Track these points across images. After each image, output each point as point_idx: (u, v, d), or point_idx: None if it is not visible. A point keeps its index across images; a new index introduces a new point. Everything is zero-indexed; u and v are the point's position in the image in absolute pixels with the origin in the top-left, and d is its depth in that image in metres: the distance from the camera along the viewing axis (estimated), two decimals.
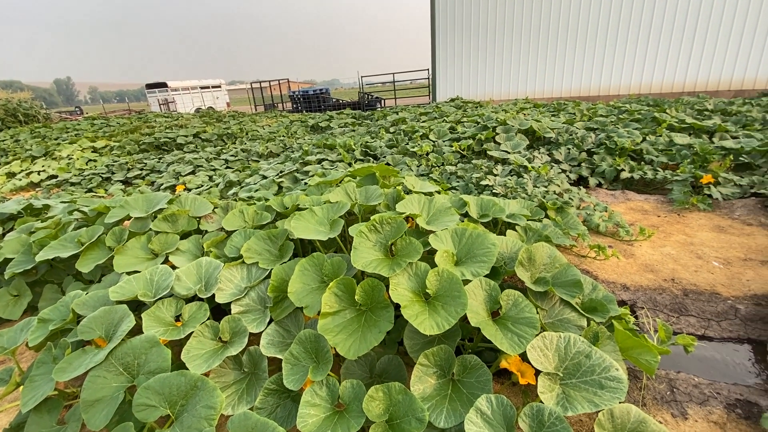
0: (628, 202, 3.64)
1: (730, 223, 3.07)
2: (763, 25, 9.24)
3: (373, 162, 4.82)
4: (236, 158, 6.83)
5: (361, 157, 4.88)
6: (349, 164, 4.72)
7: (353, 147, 5.19)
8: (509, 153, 4.51)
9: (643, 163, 4.21)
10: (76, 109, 34.64)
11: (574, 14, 10.65)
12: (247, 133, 9.64)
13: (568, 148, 4.53)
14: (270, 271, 1.85)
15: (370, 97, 18.36)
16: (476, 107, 8.99)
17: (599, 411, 1.15)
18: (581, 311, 1.56)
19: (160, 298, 1.80)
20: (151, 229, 2.44)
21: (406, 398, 1.27)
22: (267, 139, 8.64)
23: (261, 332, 1.67)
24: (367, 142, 5.63)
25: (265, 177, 4.87)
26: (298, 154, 5.68)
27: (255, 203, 3.10)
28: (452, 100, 11.11)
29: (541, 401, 1.20)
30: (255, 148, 7.24)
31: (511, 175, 3.84)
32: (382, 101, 18.53)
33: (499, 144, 4.81)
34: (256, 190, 4.22)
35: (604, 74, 10.88)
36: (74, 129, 12.14)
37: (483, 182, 3.60)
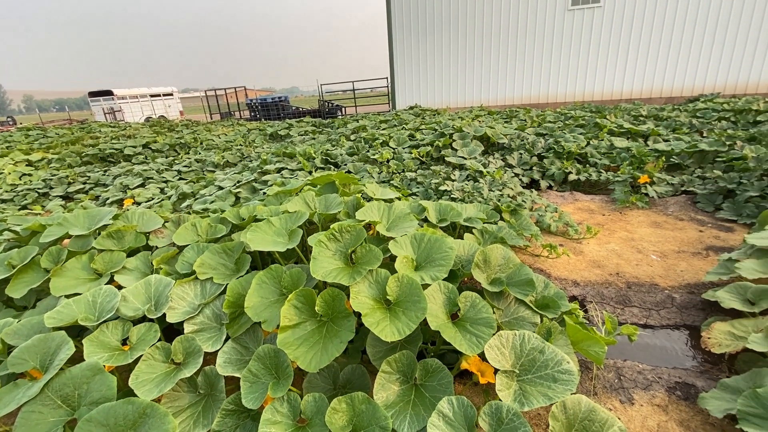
0: (576, 203, 3.87)
1: (665, 218, 3.35)
2: (686, 41, 10.27)
3: (334, 170, 4.79)
4: (190, 169, 6.54)
5: (322, 165, 4.84)
6: (310, 173, 4.66)
7: (313, 155, 5.13)
8: (466, 159, 4.66)
9: (588, 165, 4.50)
10: (8, 119, 31.71)
11: (522, 28, 11.27)
12: (201, 143, 9.27)
13: (521, 153, 4.75)
14: (225, 287, 1.78)
15: (330, 105, 18.30)
16: (434, 115, 9.22)
17: (554, 404, 1.20)
18: (535, 309, 1.63)
19: (105, 321, 1.68)
20: (93, 248, 2.27)
21: (370, 407, 1.26)
22: (223, 149, 8.35)
23: (217, 351, 1.60)
24: (328, 150, 5.60)
25: (221, 188, 4.70)
26: (257, 164, 5.54)
27: (210, 215, 2.98)
28: (411, 107, 11.32)
29: (500, 399, 1.23)
30: (210, 158, 6.98)
31: (468, 180, 3.96)
32: (343, 109, 18.54)
33: (456, 150, 4.96)
34: (212, 202, 4.06)
35: (551, 83, 11.57)
36: (5, 141, 11.11)
37: (441, 187, 3.68)
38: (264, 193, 4.06)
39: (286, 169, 4.86)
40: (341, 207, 2.08)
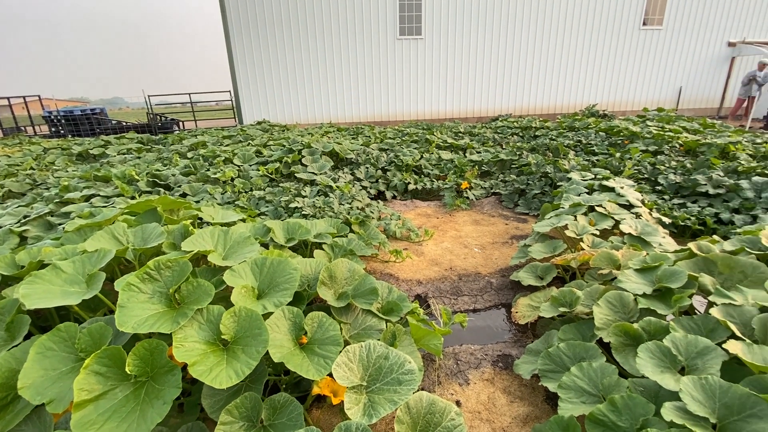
0: (416, 209, 4.31)
1: (482, 217, 4.02)
2: (486, 73, 12.83)
3: (165, 193, 4.15)
4: None
5: (149, 189, 4.13)
6: (133, 198, 3.92)
7: (137, 177, 4.35)
8: (316, 174, 4.68)
9: (423, 176, 5.08)
10: None
11: (360, 52, 12.18)
12: None
13: (367, 167, 5.05)
14: None
15: (163, 118, 16.01)
16: (283, 130, 9.05)
17: (399, 407, 1.25)
18: (380, 316, 1.70)
19: None
20: None
21: None
22: (4, 175, 6.35)
23: None
24: (157, 170, 4.83)
25: None
26: (55, 192, 4.37)
27: None
28: (259, 123, 10.86)
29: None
30: None
31: (319, 195, 3.98)
32: (180, 123, 16.46)
33: (306, 166, 4.94)
34: None
35: (390, 103, 12.82)
36: None
37: (292, 204, 3.59)
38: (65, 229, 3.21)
39: (99, 195, 3.98)
40: (163, 238, 1.78)
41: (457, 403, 1.70)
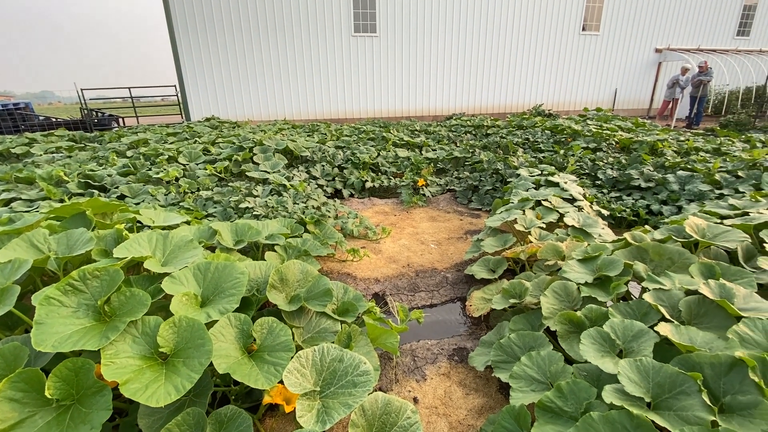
0: (374, 207, 4.29)
1: (438, 213, 4.09)
2: (440, 73, 13.11)
3: (100, 195, 3.81)
4: None
5: (80, 191, 3.77)
6: (61, 201, 3.56)
7: (65, 178, 3.95)
8: (269, 173, 4.52)
9: (380, 173, 5.08)
10: None
11: (315, 48, 11.96)
12: None
13: (323, 165, 4.96)
14: None
15: (100, 114, 14.74)
16: (233, 127, 8.67)
17: (353, 410, 1.22)
18: (335, 317, 1.65)
19: None
20: None
21: None
22: None
23: None
24: (91, 170, 4.42)
25: None
26: None
27: None
28: (207, 119, 10.32)
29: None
30: None
31: (272, 195, 3.84)
32: (120, 120, 15.25)
33: (258, 164, 4.76)
34: None
35: (346, 100, 12.70)
36: None
37: (242, 205, 3.43)
38: None
39: (20, 199, 3.57)
40: (92, 244, 1.61)
41: (414, 400, 1.70)
